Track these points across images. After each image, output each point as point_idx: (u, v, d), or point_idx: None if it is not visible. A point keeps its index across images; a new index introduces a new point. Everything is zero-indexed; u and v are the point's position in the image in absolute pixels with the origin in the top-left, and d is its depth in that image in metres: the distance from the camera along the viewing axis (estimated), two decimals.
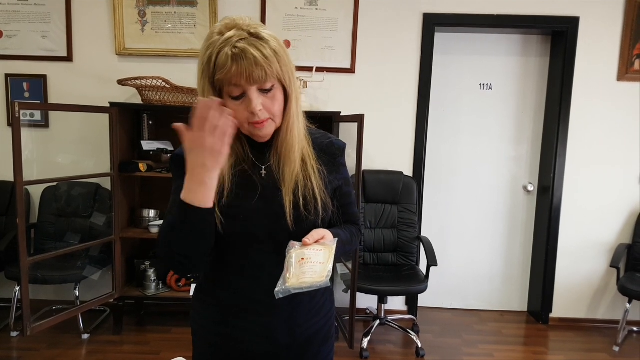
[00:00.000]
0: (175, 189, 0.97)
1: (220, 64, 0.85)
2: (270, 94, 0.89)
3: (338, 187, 1.06)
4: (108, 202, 2.81)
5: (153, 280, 2.77)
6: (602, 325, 3.12)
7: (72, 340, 2.67)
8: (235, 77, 0.85)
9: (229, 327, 1.01)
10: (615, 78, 2.95)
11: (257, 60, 0.84)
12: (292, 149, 0.96)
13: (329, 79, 2.92)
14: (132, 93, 2.85)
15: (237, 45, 0.84)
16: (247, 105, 0.88)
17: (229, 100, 0.88)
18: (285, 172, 0.96)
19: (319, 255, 0.88)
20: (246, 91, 0.87)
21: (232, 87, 0.87)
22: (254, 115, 0.89)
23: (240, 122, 0.90)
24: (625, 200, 3.04)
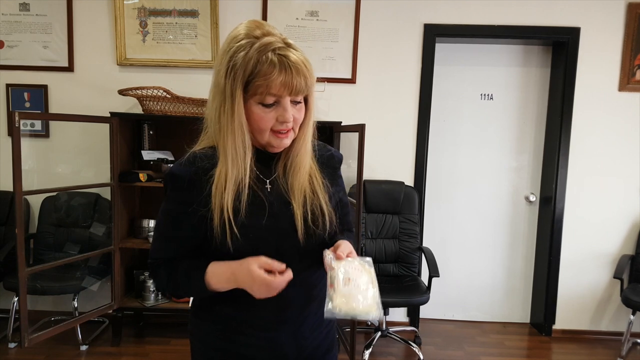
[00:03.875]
0: (168, 210, 0.96)
1: (264, 71, 0.83)
2: (298, 105, 0.89)
3: (340, 199, 1.05)
4: (108, 212, 2.80)
5: (152, 291, 2.75)
6: (605, 337, 3.08)
7: (70, 351, 2.65)
8: (278, 86, 0.83)
9: (233, 343, 0.98)
10: (616, 88, 2.95)
11: (302, 72, 0.84)
12: (303, 162, 0.94)
13: (330, 89, 2.92)
14: (133, 103, 2.85)
15: (281, 53, 0.83)
16: (279, 114, 0.86)
17: (255, 105, 0.87)
18: (294, 185, 0.94)
19: (363, 276, 0.86)
20: (280, 100, 0.86)
21: (268, 95, 0.85)
22: (282, 125, 0.87)
23: (262, 130, 0.89)
24: (628, 211, 3.02)
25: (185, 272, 0.94)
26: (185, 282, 0.93)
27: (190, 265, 0.94)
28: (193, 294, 0.96)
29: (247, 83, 0.85)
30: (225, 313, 0.97)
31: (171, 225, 0.96)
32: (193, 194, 0.91)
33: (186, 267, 0.94)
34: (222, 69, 0.87)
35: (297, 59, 0.84)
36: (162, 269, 0.97)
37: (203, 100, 2.70)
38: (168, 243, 0.97)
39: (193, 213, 0.91)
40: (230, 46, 0.87)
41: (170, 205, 0.96)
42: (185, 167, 0.92)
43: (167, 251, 0.97)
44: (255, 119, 0.87)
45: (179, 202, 0.94)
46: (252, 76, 0.84)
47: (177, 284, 0.95)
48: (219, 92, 0.88)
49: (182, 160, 0.95)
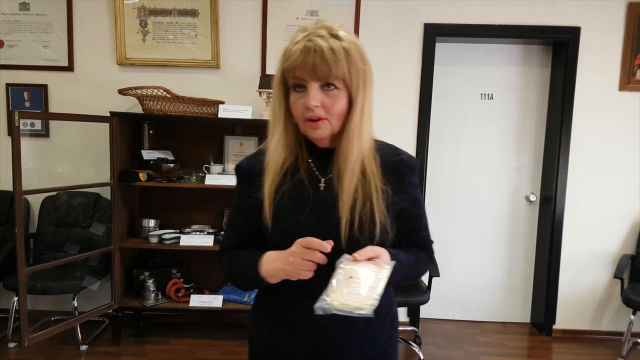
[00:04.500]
0: (237, 202, 1.01)
1: (290, 54, 0.85)
2: (332, 92, 0.86)
3: (403, 209, 0.97)
4: (108, 211, 2.80)
5: (152, 290, 2.74)
6: (606, 337, 3.08)
7: (70, 351, 2.64)
8: (299, 69, 0.84)
9: (281, 340, 0.98)
10: (617, 88, 2.94)
11: (324, 55, 0.83)
12: (349, 159, 0.90)
13: None
14: (133, 103, 2.85)
15: (311, 39, 0.84)
16: (305, 100, 0.86)
17: (291, 92, 0.88)
18: (343, 185, 0.90)
19: (370, 277, 0.82)
20: (307, 85, 0.86)
21: (294, 78, 0.86)
22: (309, 110, 0.86)
23: (297, 117, 0.89)
24: (628, 211, 3.02)
25: (244, 258, 0.96)
26: (242, 267, 0.96)
27: (250, 252, 0.96)
28: (247, 280, 0.96)
29: (283, 70, 0.88)
30: (281, 312, 0.97)
31: (237, 216, 1.02)
32: (252, 186, 0.95)
33: (246, 253, 0.97)
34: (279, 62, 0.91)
35: (325, 44, 0.83)
36: (226, 257, 1.00)
37: (203, 100, 2.70)
38: (235, 233, 1.02)
39: (252, 205, 0.94)
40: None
41: (236, 197, 1.01)
42: (249, 160, 0.98)
43: (234, 241, 1.01)
44: (292, 108, 0.89)
45: (242, 194, 0.98)
46: (285, 62, 0.87)
47: (235, 270, 0.98)
48: (275, 82, 0.92)
49: (249, 154, 1.01)
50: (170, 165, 2.78)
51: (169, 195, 2.96)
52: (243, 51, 2.93)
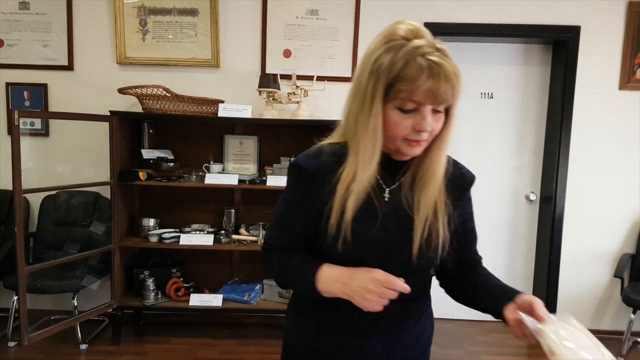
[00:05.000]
0: (288, 200, 0.96)
1: (411, 76, 0.78)
2: (438, 115, 0.84)
3: (460, 223, 0.98)
4: (107, 211, 2.80)
5: (152, 289, 2.74)
6: (606, 336, 3.06)
7: (70, 350, 2.64)
8: (422, 93, 0.79)
9: (324, 343, 0.97)
10: (616, 87, 2.94)
11: (451, 81, 0.79)
12: (435, 176, 0.89)
13: (330, 87, 2.91)
14: (133, 102, 2.85)
15: (431, 58, 0.78)
16: (417, 123, 0.82)
17: (392, 110, 0.82)
18: (421, 199, 0.89)
19: (580, 337, 0.77)
20: (421, 108, 0.81)
21: (409, 101, 0.80)
22: (417, 134, 0.83)
23: (395, 136, 0.84)
24: (629, 210, 3.02)
25: (297, 263, 0.93)
26: (295, 273, 0.93)
27: (304, 258, 0.94)
28: (298, 287, 0.95)
29: (390, 86, 0.80)
30: (323, 314, 0.96)
31: (289, 215, 0.96)
32: (314, 189, 0.90)
33: (300, 259, 0.94)
34: (367, 69, 0.83)
35: (448, 66, 0.79)
36: (275, 256, 0.97)
37: (203, 99, 2.70)
38: (284, 232, 0.97)
39: (312, 208, 0.91)
40: (378, 46, 0.83)
41: (290, 195, 0.95)
42: (310, 160, 0.91)
43: (282, 240, 0.97)
44: (390, 124, 0.83)
45: (299, 194, 0.93)
46: (396, 79, 0.79)
47: (286, 273, 0.95)
48: (360, 93, 0.84)
49: (309, 152, 0.93)
50: (170, 164, 2.78)
51: (169, 194, 2.96)
52: (243, 50, 2.93)
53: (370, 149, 0.84)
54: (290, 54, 2.92)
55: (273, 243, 0.99)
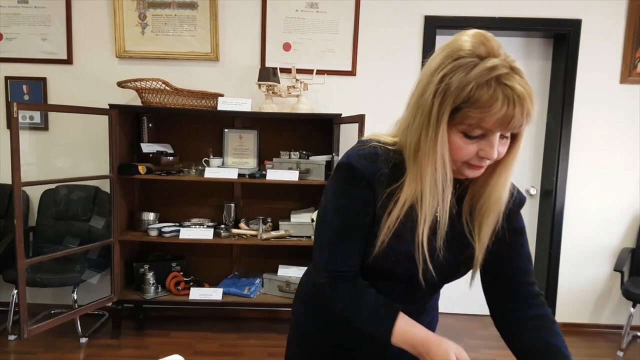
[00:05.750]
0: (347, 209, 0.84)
1: (483, 102, 0.71)
2: (505, 139, 0.78)
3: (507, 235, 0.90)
4: (107, 205, 2.80)
5: (152, 283, 2.74)
6: (605, 331, 3.08)
7: (69, 344, 2.65)
8: (494, 121, 0.72)
9: (340, 336, 0.97)
10: (618, 81, 2.93)
11: (527, 107, 0.72)
12: (500, 202, 0.83)
13: (330, 81, 2.91)
14: (132, 96, 2.84)
15: (507, 83, 0.71)
16: (482, 149, 0.76)
17: (456, 134, 0.76)
18: (484, 227, 0.85)
19: None
20: (488, 134, 0.75)
21: (478, 128, 0.74)
22: (481, 160, 0.77)
23: (456, 161, 0.78)
24: (629, 204, 3.01)
25: (373, 305, 0.85)
26: (368, 316, 0.85)
27: (379, 300, 0.86)
28: (369, 330, 0.86)
29: (457, 109, 0.73)
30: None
31: (350, 225, 0.85)
32: (371, 193, 0.83)
33: (374, 299, 0.86)
34: (431, 87, 0.75)
35: (524, 90, 0.72)
36: (346, 287, 0.87)
37: (203, 93, 2.70)
38: (349, 247, 0.86)
39: (368, 215, 0.84)
40: (444, 63, 0.74)
41: (347, 201, 0.84)
42: (366, 163, 0.82)
43: (349, 259, 0.86)
44: (452, 149, 0.77)
45: (358, 199, 0.83)
46: (465, 104, 0.72)
47: (359, 314, 0.86)
48: (423, 113, 0.77)
49: (362, 151, 0.84)
50: (170, 158, 2.78)
51: (169, 188, 2.96)
52: (242, 44, 2.92)
53: (440, 179, 0.78)
54: (290, 48, 2.91)
55: (337, 266, 0.86)
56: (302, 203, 2.95)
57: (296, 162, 2.72)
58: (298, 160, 2.73)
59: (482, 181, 0.84)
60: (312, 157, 2.76)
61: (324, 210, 0.88)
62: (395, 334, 0.83)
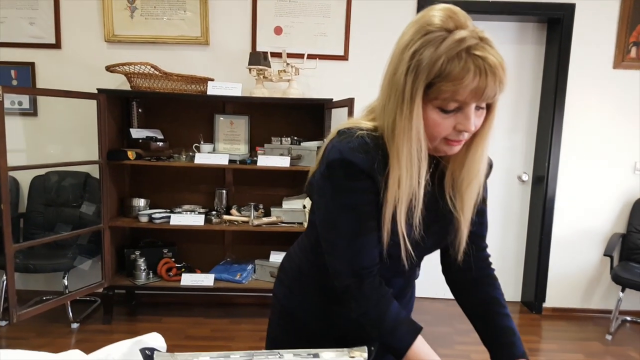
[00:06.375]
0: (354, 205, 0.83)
1: (455, 75, 0.71)
2: (480, 110, 0.78)
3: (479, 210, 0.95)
4: (98, 191, 2.77)
5: (143, 269, 2.74)
6: (595, 315, 3.11)
7: (61, 329, 2.65)
8: (468, 93, 0.72)
9: (331, 313, 0.98)
10: (611, 66, 2.92)
11: (499, 76, 0.72)
12: (479, 173, 0.85)
13: (322, 66, 2.88)
14: (122, 81, 2.80)
15: (476, 53, 0.71)
16: (459, 122, 0.76)
17: (432, 110, 0.76)
18: (466, 199, 0.86)
19: None
20: (464, 107, 0.75)
21: (452, 101, 0.74)
22: (459, 134, 0.78)
23: (434, 137, 0.79)
24: (620, 190, 3.02)
25: (395, 319, 0.83)
26: (388, 331, 0.84)
27: (401, 316, 0.85)
28: (384, 343, 0.84)
29: (430, 85, 0.73)
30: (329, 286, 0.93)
31: (361, 219, 0.83)
32: (372, 184, 0.82)
33: (396, 314, 0.84)
34: (403, 65, 0.75)
35: (495, 60, 0.71)
36: (372, 291, 0.85)
37: (192, 77, 2.67)
38: (365, 242, 0.84)
39: (375, 205, 0.82)
40: (414, 38, 0.74)
41: (351, 197, 0.82)
42: (360, 155, 0.81)
43: (369, 253, 0.85)
44: (429, 125, 0.77)
45: (362, 192, 0.82)
46: (437, 78, 0.72)
47: (379, 326, 0.84)
48: (397, 92, 0.77)
49: (351, 143, 0.81)
50: (160, 144, 2.76)
51: (160, 175, 2.94)
52: (233, 27, 2.88)
53: (415, 156, 0.78)
54: (282, 31, 2.87)
55: (362, 264, 0.84)
56: (294, 189, 2.94)
57: (287, 148, 2.70)
58: (289, 146, 2.71)
59: (461, 156, 0.85)
60: (304, 143, 2.74)
61: (328, 212, 0.86)
62: (410, 355, 0.83)
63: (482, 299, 0.96)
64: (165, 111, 2.90)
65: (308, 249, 1.01)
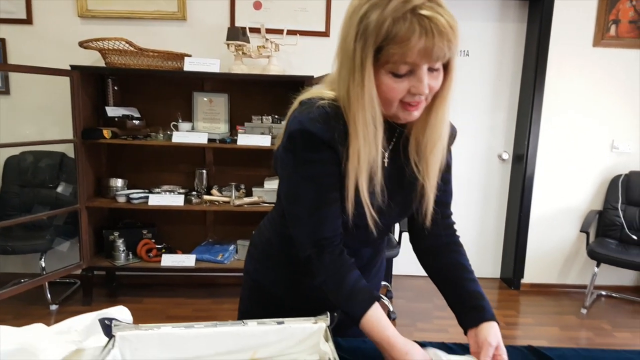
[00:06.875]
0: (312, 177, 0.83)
1: (401, 36, 0.70)
2: (436, 72, 0.77)
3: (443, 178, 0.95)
4: (74, 172, 2.71)
5: (122, 250, 2.71)
6: (572, 290, 3.18)
7: (39, 311, 2.62)
8: (415, 54, 0.71)
9: (301, 285, 0.99)
10: (591, 44, 2.93)
11: (447, 35, 0.70)
12: (442, 136, 0.84)
13: (303, 42, 2.83)
14: (97, 58, 2.72)
15: (421, 12, 0.69)
16: (413, 85, 0.75)
17: (385, 74, 0.75)
18: (430, 165, 0.86)
19: None
20: (416, 69, 0.74)
21: (403, 64, 0.73)
22: (414, 97, 0.77)
23: (390, 102, 0.78)
24: (598, 167, 3.06)
25: (352, 288, 0.84)
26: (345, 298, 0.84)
27: (359, 285, 0.85)
28: (341, 308, 0.85)
29: (380, 49, 0.72)
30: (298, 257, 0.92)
31: (322, 190, 0.83)
32: (333, 157, 0.82)
33: (354, 282, 0.85)
34: (352, 31, 0.74)
35: (443, 20, 0.70)
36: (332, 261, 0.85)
37: (169, 53, 2.60)
38: (327, 212, 0.84)
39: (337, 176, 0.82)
40: (363, 2, 0.74)
41: (312, 168, 0.83)
42: (320, 126, 0.80)
43: (331, 223, 0.85)
44: (383, 90, 0.76)
45: (323, 163, 0.82)
46: (385, 41, 0.71)
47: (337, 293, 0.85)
48: (348, 59, 0.76)
49: (312, 114, 0.81)
50: (136, 122, 2.70)
51: (138, 154, 2.89)
52: (211, 2, 2.80)
53: (371, 122, 0.77)
54: (261, 6, 2.81)
55: (323, 234, 0.85)
56: None
57: (268, 127, 2.67)
58: (270, 124, 2.68)
59: (423, 120, 0.84)
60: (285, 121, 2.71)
61: (290, 184, 0.86)
62: (364, 322, 0.83)
63: (448, 265, 0.97)
64: (142, 89, 2.83)
65: (276, 222, 1.02)
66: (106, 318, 0.76)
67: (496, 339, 0.84)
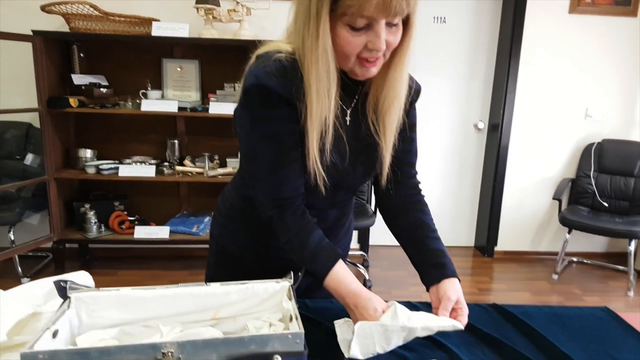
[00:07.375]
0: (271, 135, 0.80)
1: None
2: (394, 28, 0.75)
3: (401, 131, 0.92)
4: (41, 142, 2.64)
5: (94, 222, 2.66)
6: (544, 257, 3.25)
7: (10, 284, 2.51)
8: (372, 8, 0.69)
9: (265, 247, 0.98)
10: (567, 10, 2.91)
11: None
12: (400, 95, 0.83)
13: (276, 6, 2.75)
14: (61, 24, 2.61)
15: None
16: (370, 40, 0.73)
17: (342, 27, 0.73)
18: (387, 124, 0.85)
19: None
20: (373, 23, 0.72)
21: (360, 17, 0.71)
22: (371, 52, 0.75)
23: (347, 56, 0.76)
24: (572, 136, 3.09)
25: (315, 247, 0.83)
26: (310, 257, 0.83)
27: (322, 244, 0.84)
28: (307, 268, 0.84)
29: (336, 4, 0.71)
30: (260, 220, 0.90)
31: (281, 148, 0.81)
32: (291, 113, 0.79)
33: (318, 242, 0.84)
34: None
35: None
36: (294, 221, 0.84)
37: (136, 18, 2.50)
38: (287, 171, 0.82)
39: (296, 133, 0.80)
40: None
41: (269, 126, 0.80)
42: (277, 80, 0.78)
43: (291, 183, 0.83)
44: (340, 43, 0.74)
45: (281, 119, 0.80)
46: None
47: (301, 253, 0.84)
48: (303, 9, 0.74)
49: (268, 67, 0.78)
50: (104, 90, 2.62)
51: (106, 124, 2.81)
52: None
53: (325, 76, 0.75)
54: None
55: (283, 194, 0.83)
56: None
57: None
58: None
59: (380, 78, 0.83)
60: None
61: (248, 143, 0.83)
62: (329, 279, 0.82)
63: (412, 224, 0.96)
64: (109, 56, 2.74)
65: (239, 184, 1.00)
66: (61, 280, 0.73)
67: (456, 294, 0.84)
